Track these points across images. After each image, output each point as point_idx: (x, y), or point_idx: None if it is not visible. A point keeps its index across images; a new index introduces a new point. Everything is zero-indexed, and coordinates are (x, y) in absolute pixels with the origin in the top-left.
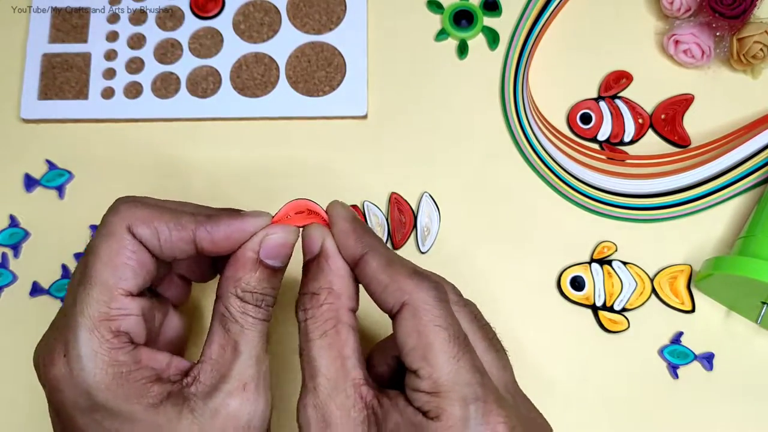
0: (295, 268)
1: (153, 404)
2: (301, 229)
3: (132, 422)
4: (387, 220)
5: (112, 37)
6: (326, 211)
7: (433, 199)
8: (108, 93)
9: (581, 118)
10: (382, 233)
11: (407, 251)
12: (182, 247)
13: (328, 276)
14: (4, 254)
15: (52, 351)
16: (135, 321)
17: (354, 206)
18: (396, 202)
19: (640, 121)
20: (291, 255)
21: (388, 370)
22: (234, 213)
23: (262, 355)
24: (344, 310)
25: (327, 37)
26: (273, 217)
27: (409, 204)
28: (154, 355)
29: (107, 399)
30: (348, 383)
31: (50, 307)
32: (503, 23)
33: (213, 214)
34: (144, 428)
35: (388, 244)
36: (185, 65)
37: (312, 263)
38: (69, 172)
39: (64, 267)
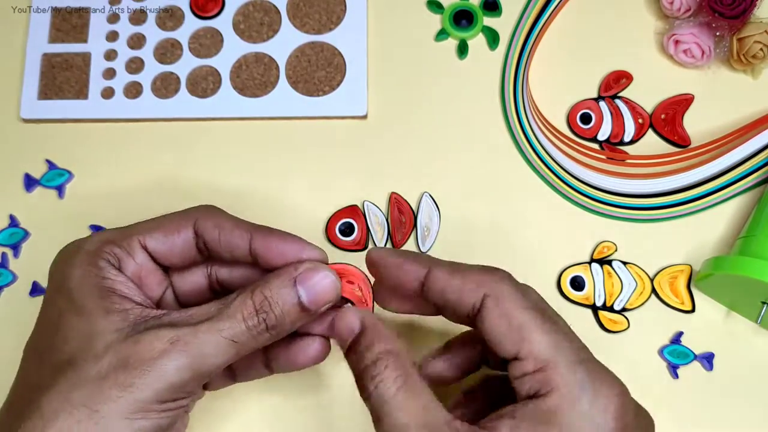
0: None
1: (106, 309)
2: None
3: (81, 315)
4: (387, 220)
5: (112, 37)
6: (368, 258)
7: (433, 199)
8: (108, 93)
9: (581, 118)
10: (382, 233)
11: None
12: (239, 243)
13: (381, 341)
14: (4, 254)
15: (81, 241)
16: (132, 264)
17: (354, 206)
18: (396, 202)
19: (640, 121)
20: (321, 304)
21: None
22: (295, 236)
23: (219, 350)
24: (408, 363)
25: (327, 37)
26: None
27: (409, 204)
28: (134, 289)
29: (75, 287)
30: (439, 423)
31: None
32: (503, 23)
33: (274, 229)
34: (83, 327)
35: (388, 244)
36: (185, 65)
37: (359, 339)
38: (69, 172)
39: None
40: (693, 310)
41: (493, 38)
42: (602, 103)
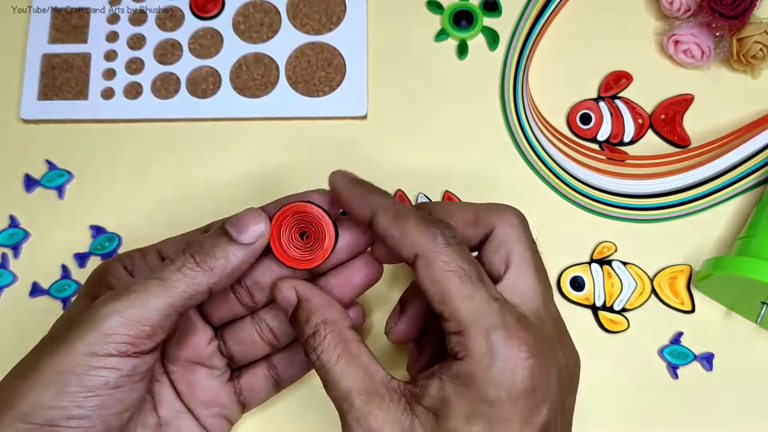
0: None
1: (92, 296)
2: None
3: (78, 301)
4: None
5: (112, 37)
6: (329, 184)
7: (430, 200)
8: (108, 93)
9: (581, 119)
10: None
11: None
12: None
13: (316, 313)
14: (4, 254)
15: (126, 257)
16: (144, 268)
17: None
18: (400, 199)
19: (640, 121)
20: (245, 229)
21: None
22: None
23: (149, 290)
24: (345, 330)
25: (327, 38)
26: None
27: (412, 204)
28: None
29: (87, 282)
30: (378, 385)
31: (50, 308)
32: (503, 23)
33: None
34: (71, 308)
35: None
36: (185, 65)
37: (297, 311)
38: (69, 172)
39: (64, 267)
40: (693, 311)
41: (492, 38)
42: (602, 104)
